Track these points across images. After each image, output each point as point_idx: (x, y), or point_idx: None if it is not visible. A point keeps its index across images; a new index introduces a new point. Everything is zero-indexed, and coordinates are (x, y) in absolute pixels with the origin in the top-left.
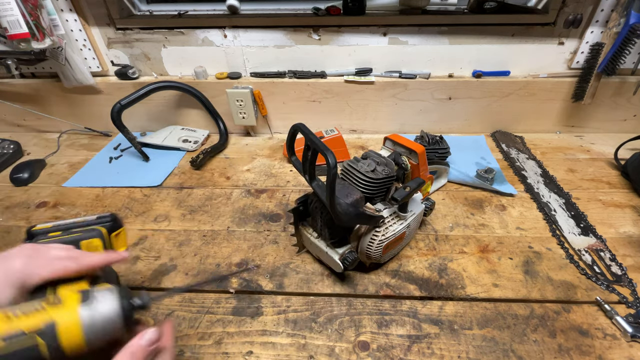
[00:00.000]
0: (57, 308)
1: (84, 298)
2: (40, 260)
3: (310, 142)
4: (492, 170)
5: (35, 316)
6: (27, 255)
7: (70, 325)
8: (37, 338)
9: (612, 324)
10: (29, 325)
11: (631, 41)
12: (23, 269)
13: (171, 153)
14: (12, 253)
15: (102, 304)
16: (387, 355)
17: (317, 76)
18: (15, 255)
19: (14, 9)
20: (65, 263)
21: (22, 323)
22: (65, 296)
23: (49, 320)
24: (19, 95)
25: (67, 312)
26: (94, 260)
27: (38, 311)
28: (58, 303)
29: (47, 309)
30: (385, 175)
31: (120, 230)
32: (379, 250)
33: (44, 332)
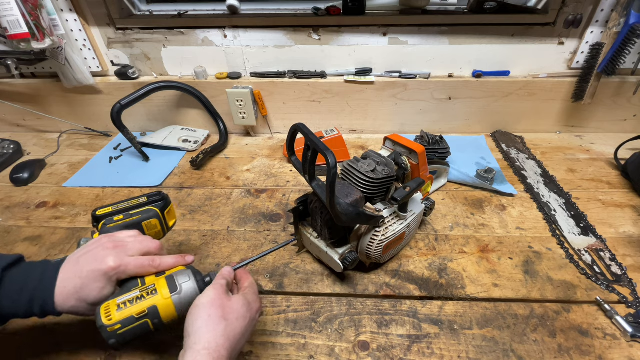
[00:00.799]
0: (155, 297)
1: (172, 287)
2: (127, 259)
3: (310, 142)
4: (492, 170)
5: (140, 304)
6: (115, 254)
7: (167, 307)
8: (145, 319)
9: (612, 324)
10: (138, 310)
11: (631, 41)
12: (116, 267)
13: (171, 153)
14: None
15: (185, 289)
16: (387, 355)
17: (317, 76)
18: (106, 254)
19: (14, 9)
20: (147, 269)
21: (133, 310)
22: (158, 286)
23: (152, 304)
24: (19, 95)
25: (163, 299)
26: (169, 265)
27: (142, 301)
28: (155, 294)
29: (148, 298)
30: (385, 175)
31: (170, 207)
32: (379, 250)
33: (149, 314)
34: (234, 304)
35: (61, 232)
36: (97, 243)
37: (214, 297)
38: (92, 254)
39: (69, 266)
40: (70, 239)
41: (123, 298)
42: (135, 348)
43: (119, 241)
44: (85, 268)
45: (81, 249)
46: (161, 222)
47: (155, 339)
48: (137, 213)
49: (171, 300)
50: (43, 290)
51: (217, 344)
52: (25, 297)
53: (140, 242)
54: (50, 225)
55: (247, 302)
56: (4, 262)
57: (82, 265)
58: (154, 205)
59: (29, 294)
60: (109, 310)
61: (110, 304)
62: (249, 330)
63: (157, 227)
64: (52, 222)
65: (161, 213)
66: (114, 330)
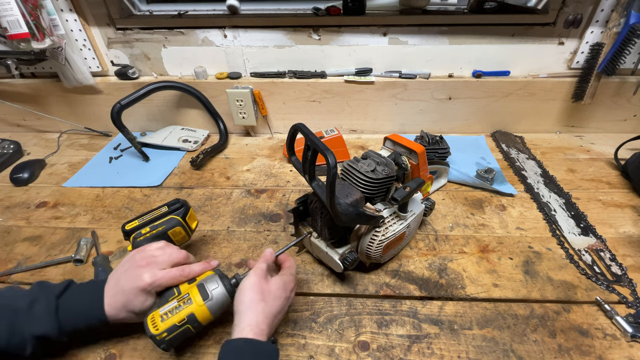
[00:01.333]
0: (191, 305)
1: (204, 295)
2: (159, 273)
3: (310, 142)
4: (492, 170)
5: (180, 314)
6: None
7: (203, 313)
8: (186, 325)
9: (612, 324)
10: (179, 319)
11: (631, 41)
12: (152, 283)
13: (171, 153)
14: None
15: (216, 295)
16: (387, 355)
17: (317, 76)
18: (141, 272)
19: (14, 9)
20: (179, 279)
21: (174, 319)
22: (192, 295)
23: (190, 312)
24: (19, 95)
25: (198, 306)
26: (197, 272)
27: (180, 310)
28: (190, 302)
29: (185, 307)
30: (385, 175)
31: (190, 212)
32: (379, 250)
33: (188, 321)
34: (272, 287)
35: (61, 232)
36: (131, 261)
37: (254, 282)
38: (129, 273)
39: (111, 285)
40: (70, 239)
41: (164, 309)
42: (135, 348)
43: (150, 257)
44: (126, 286)
45: (119, 268)
46: (184, 228)
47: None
48: (162, 223)
49: (205, 307)
50: (95, 310)
51: (258, 321)
52: (82, 317)
53: (169, 255)
54: (50, 225)
55: (283, 283)
56: (57, 290)
57: (122, 284)
58: (175, 214)
59: (84, 314)
60: (155, 321)
61: (154, 315)
62: (286, 306)
63: (182, 233)
64: (52, 222)
65: (183, 220)
66: (162, 337)
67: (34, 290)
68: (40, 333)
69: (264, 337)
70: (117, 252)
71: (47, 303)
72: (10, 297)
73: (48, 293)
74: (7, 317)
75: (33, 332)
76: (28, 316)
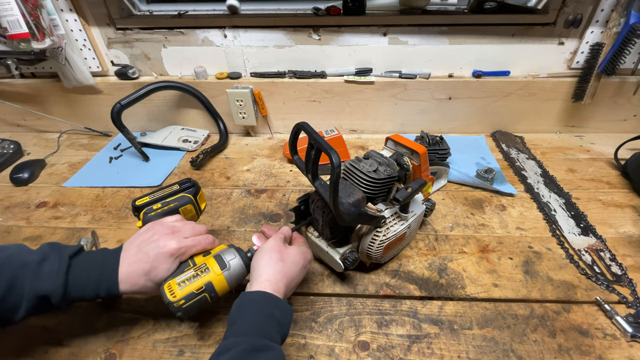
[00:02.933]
0: (209, 274)
1: (222, 265)
2: (185, 241)
3: (314, 141)
4: (492, 170)
5: (198, 282)
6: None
7: (220, 282)
8: (204, 293)
9: (612, 324)
10: (196, 287)
11: (631, 41)
12: (179, 249)
13: (171, 153)
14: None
15: (233, 265)
16: (387, 355)
17: (317, 76)
18: (167, 239)
19: (14, 9)
20: (204, 246)
21: (192, 287)
22: (209, 265)
23: (207, 281)
24: (19, 95)
25: (216, 275)
26: (210, 246)
27: (197, 279)
28: (208, 271)
29: (203, 276)
30: (387, 175)
31: (201, 192)
32: (380, 250)
33: (206, 289)
34: (290, 251)
35: (61, 232)
36: (152, 230)
37: (274, 244)
38: (153, 240)
39: (130, 253)
40: (70, 239)
41: (182, 277)
42: (135, 348)
43: (172, 227)
44: (150, 252)
45: (136, 237)
46: (195, 207)
47: (154, 337)
48: (173, 200)
49: (223, 276)
50: (108, 275)
51: (276, 278)
52: (92, 282)
53: (191, 226)
54: (50, 225)
55: (302, 251)
56: (70, 251)
57: (146, 250)
58: (187, 192)
59: (95, 279)
60: (172, 289)
61: (171, 283)
62: (302, 274)
63: (192, 212)
64: (52, 222)
65: (194, 198)
66: (180, 305)
67: (45, 248)
68: (44, 292)
69: (280, 296)
70: None
71: (59, 261)
72: (19, 251)
73: (61, 252)
74: (12, 269)
75: (37, 289)
76: (36, 272)
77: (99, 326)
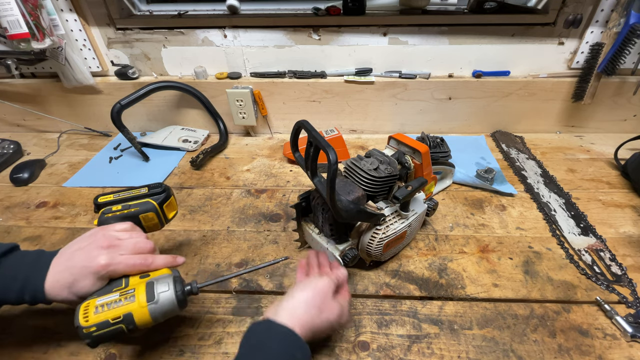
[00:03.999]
0: (132, 304)
1: (149, 296)
2: (119, 258)
3: (312, 139)
4: (492, 170)
5: (117, 310)
6: (107, 253)
7: (142, 315)
8: (120, 324)
9: (612, 324)
10: (114, 315)
11: (631, 41)
12: (107, 266)
13: (171, 153)
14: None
15: (162, 299)
16: (387, 355)
17: (317, 76)
18: (99, 253)
19: (14, 9)
20: (139, 268)
21: (109, 314)
22: (137, 292)
23: (128, 311)
24: (19, 95)
25: (139, 307)
26: (160, 264)
27: (118, 306)
28: (132, 300)
29: (125, 303)
30: (387, 174)
31: (171, 200)
32: (380, 248)
33: (124, 320)
34: (332, 306)
35: (61, 232)
36: (92, 238)
37: (323, 288)
38: (85, 251)
39: (62, 259)
40: (70, 239)
41: (103, 299)
42: (135, 348)
43: (113, 238)
44: (77, 264)
45: (75, 242)
46: (158, 215)
47: (155, 338)
48: (136, 205)
49: (147, 310)
50: (34, 280)
51: (306, 321)
52: (16, 285)
53: (134, 242)
54: (50, 225)
55: (341, 313)
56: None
57: (74, 261)
58: (153, 198)
59: (20, 282)
60: (87, 312)
61: (89, 304)
62: (327, 333)
63: (154, 220)
64: (52, 222)
65: (159, 206)
66: (90, 332)
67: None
68: None
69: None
70: None
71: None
72: None
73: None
74: None
75: None
76: None
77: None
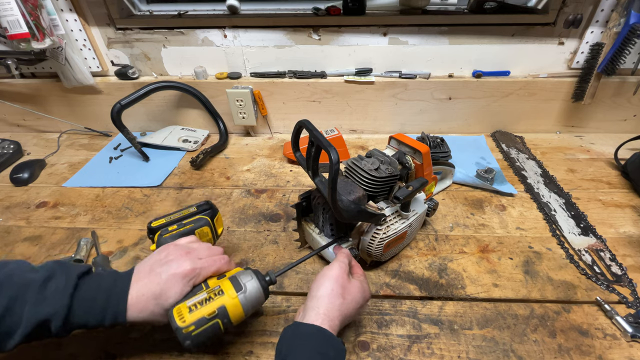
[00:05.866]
0: (222, 297)
1: (237, 287)
2: (200, 262)
3: (314, 139)
4: (492, 170)
5: (210, 305)
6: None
7: (235, 306)
8: (216, 319)
9: (612, 324)
10: (208, 311)
11: (631, 41)
12: (194, 270)
13: (171, 153)
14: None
15: (249, 288)
16: (387, 355)
17: (317, 76)
18: (182, 260)
19: (14, 9)
20: (221, 267)
21: (203, 311)
22: (224, 287)
23: (221, 305)
24: (19, 95)
25: (230, 298)
26: (225, 267)
27: (209, 302)
28: (222, 294)
29: (216, 299)
30: (388, 174)
31: (218, 216)
32: (380, 248)
33: (218, 314)
34: (352, 287)
35: (61, 232)
36: (165, 251)
37: (339, 274)
38: (166, 261)
39: (142, 275)
40: (70, 239)
41: (192, 300)
42: (135, 348)
43: (188, 248)
44: (163, 274)
45: (148, 259)
46: (212, 230)
47: (154, 338)
48: (190, 222)
49: (238, 300)
50: (116, 298)
51: (333, 315)
52: (97, 307)
53: (207, 247)
54: (50, 225)
55: (363, 289)
56: (78, 270)
57: (159, 272)
58: (205, 214)
59: (101, 304)
60: (182, 313)
61: (181, 307)
62: (357, 313)
63: (209, 235)
64: (52, 222)
65: (211, 221)
66: (189, 331)
67: (51, 265)
68: (45, 315)
69: (335, 333)
70: (117, 252)
71: (65, 279)
72: (21, 268)
73: (68, 270)
74: (12, 288)
75: (38, 311)
76: (39, 291)
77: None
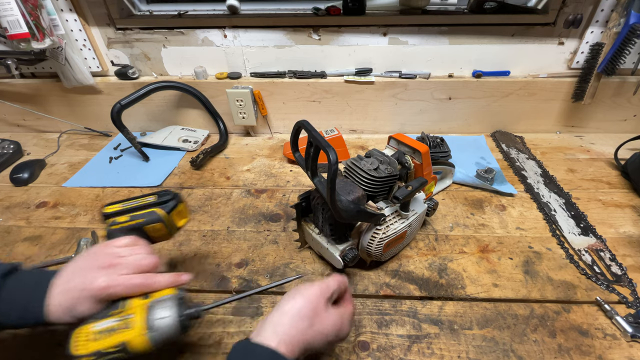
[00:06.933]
0: (130, 331)
1: (150, 322)
2: (118, 279)
3: (312, 139)
4: (492, 170)
5: (113, 337)
6: (107, 274)
7: (141, 342)
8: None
9: (612, 324)
10: (109, 345)
11: (631, 41)
12: (106, 288)
13: (171, 153)
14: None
15: (163, 326)
16: (387, 355)
17: (317, 76)
18: (98, 275)
19: (14, 9)
20: (140, 288)
21: (105, 343)
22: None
23: (123, 341)
24: (19, 95)
25: (139, 335)
26: (162, 285)
27: (114, 333)
28: (130, 327)
29: (124, 331)
30: (387, 174)
31: (181, 206)
32: (380, 248)
33: (122, 350)
34: (327, 317)
35: (61, 232)
36: (91, 257)
37: (314, 295)
38: (85, 272)
39: (61, 281)
40: (70, 239)
41: (99, 325)
42: None
43: (115, 256)
44: (76, 287)
45: (75, 261)
46: (166, 225)
47: None
48: (143, 215)
49: (146, 338)
50: (35, 305)
51: (295, 339)
52: (16, 311)
53: (136, 260)
54: (50, 226)
55: (339, 325)
56: (2, 269)
57: (73, 283)
58: (161, 207)
59: (20, 308)
60: (80, 339)
61: (83, 330)
62: (325, 348)
63: (162, 230)
64: (52, 222)
65: (167, 215)
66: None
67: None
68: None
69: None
70: None
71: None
72: None
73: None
74: None
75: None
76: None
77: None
